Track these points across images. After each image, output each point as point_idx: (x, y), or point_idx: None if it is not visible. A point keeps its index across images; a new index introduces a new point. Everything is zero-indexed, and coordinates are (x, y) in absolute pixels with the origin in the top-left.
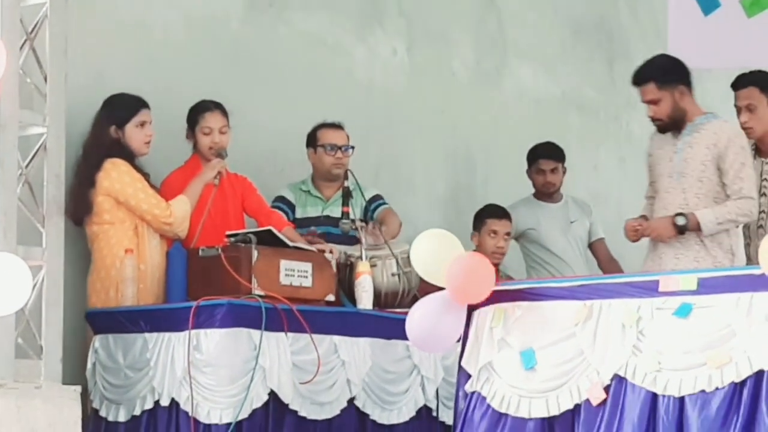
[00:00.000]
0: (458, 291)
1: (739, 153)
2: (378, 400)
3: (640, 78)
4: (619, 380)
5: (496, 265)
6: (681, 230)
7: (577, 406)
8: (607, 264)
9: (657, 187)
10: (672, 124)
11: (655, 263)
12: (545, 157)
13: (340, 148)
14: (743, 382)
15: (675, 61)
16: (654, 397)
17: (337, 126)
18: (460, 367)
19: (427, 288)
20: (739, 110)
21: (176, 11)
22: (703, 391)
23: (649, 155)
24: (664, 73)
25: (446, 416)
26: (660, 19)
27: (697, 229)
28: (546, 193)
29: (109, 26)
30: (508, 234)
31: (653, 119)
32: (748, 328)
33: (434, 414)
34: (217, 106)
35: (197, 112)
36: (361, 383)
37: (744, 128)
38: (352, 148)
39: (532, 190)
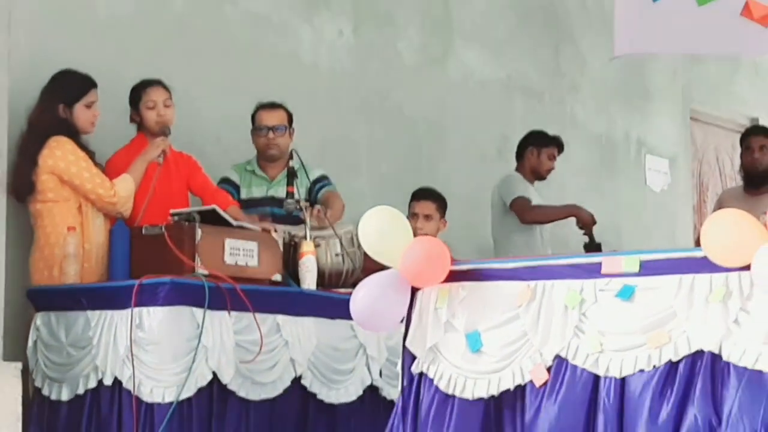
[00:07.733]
0: (414, 274)
1: None
2: (324, 378)
3: None
4: (561, 361)
5: None
6: None
7: (521, 388)
8: None
9: None
10: None
11: None
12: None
13: (271, 129)
14: (679, 361)
15: None
16: (596, 378)
17: (272, 106)
18: (404, 347)
19: (371, 267)
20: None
21: None
22: (641, 371)
23: None
24: None
25: (392, 395)
26: (607, 4)
27: None
28: (543, 178)
29: (53, 2)
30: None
31: None
32: (689, 309)
33: (381, 393)
34: (158, 82)
35: (139, 89)
36: (306, 362)
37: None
38: (288, 128)
39: (481, 173)
